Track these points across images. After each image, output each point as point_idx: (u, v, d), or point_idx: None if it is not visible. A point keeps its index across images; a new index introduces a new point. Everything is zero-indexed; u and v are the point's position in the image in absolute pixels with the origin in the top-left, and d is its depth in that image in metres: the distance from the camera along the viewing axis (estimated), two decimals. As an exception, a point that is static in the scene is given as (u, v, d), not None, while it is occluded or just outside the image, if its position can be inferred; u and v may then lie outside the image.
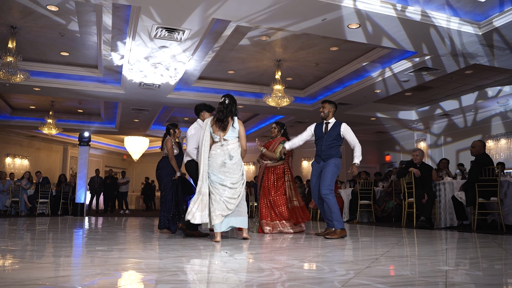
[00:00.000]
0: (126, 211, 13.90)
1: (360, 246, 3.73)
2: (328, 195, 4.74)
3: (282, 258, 2.78)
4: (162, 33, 6.80)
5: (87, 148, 10.71)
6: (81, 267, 2.31)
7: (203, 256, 2.90)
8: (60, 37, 7.94)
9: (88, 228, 6.19)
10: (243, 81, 10.82)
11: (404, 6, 6.17)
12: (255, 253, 3.16)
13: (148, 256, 2.78)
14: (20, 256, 2.76)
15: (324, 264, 2.55)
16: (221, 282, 1.89)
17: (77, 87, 10.05)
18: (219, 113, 4.40)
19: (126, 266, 2.36)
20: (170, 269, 2.23)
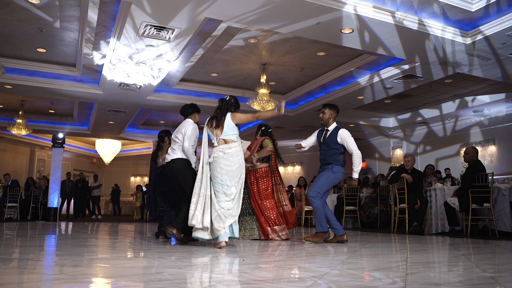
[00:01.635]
0: (99, 216, 13.38)
1: (376, 252, 3.63)
2: (313, 198, 4.57)
3: (309, 266, 2.64)
4: (151, 31, 6.56)
5: (61, 150, 10.22)
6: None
7: (221, 264, 2.71)
8: (38, 33, 7.53)
9: (78, 235, 5.83)
10: (225, 84, 10.65)
11: (399, 13, 6.20)
12: (272, 260, 3.00)
13: (162, 265, 2.57)
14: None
15: (359, 271, 2.43)
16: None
17: (53, 86, 9.60)
18: (216, 110, 4.26)
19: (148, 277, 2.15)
20: (202, 281, 2.05)
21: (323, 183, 4.64)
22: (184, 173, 4.54)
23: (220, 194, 3.97)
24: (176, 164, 4.52)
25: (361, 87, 9.65)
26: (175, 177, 4.59)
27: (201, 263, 2.73)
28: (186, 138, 4.51)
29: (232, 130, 4.17)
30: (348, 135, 4.81)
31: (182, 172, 4.53)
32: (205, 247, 3.87)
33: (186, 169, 4.56)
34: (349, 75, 9.37)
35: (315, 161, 14.71)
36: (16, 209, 10.09)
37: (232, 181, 4.00)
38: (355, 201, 8.18)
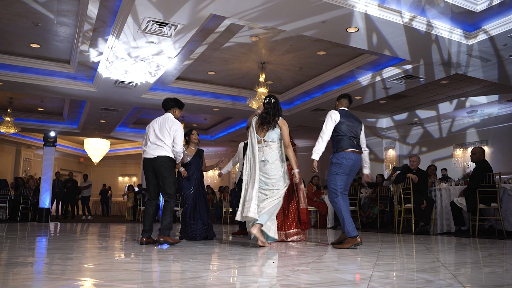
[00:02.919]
0: (89, 217, 13.07)
1: (399, 252, 3.56)
2: (332, 200, 4.30)
3: (347, 268, 2.55)
4: (153, 27, 6.40)
5: (52, 149, 9.93)
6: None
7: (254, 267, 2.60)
8: (33, 27, 7.30)
9: (89, 236, 5.63)
10: (221, 83, 10.53)
11: (407, 13, 6.18)
12: (304, 262, 2.89)
13: (194, 269, 2.45)
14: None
15: (402, 272, 2.35)
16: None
17: (44, 83, 9.33)
18: (266, 115, 4.26)
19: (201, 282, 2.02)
20: (258, 286, 1.93)
21: (329, 179, 4.38)
22: (169, 172, 4.43)
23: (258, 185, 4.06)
24: (163, 162, 4.38)
25: (359, 87, 9.63)
26: (156, 174, 4.43)
27: (233, 266, 2.61)
28: (179, 141, 4.42)
29: (276, 134, 4.29)
30: (326, 116, 4.50)
31: (166, 171, 4.39)
32: (207, 247, 3.74)
33: (171, 169, 4.48)
34: (347, 75, 9.34)
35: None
36: (5, 210, 9.77)
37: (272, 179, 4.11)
38: (355, 201, 8.15)
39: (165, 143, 4.41)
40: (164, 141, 4.41)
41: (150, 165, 4.42)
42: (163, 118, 4.64)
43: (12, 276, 2.07)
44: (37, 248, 3.75)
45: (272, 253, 3.48)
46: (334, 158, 4.31)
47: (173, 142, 4.43)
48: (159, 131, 4.49)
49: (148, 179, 4.52)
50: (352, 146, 4.31)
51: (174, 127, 4.50)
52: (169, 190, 4.35)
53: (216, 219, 12.88)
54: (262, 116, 4.36)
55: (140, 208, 12.46)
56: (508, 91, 9.97)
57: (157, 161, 4.38)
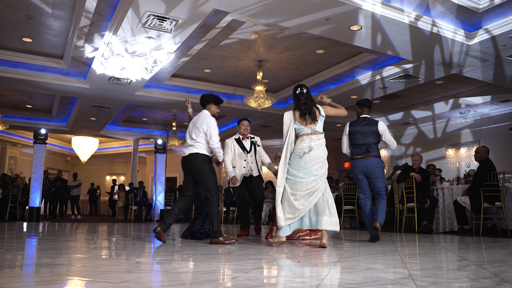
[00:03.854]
0: (78, 216, 12.79)
1: (419, 251, 3.50)
2: (360, 201, 4.90)
3: (378, 266, 2.48)
4: (153, 21, 6.26)
5: (43, 147, 9.66)
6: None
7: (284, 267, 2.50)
8: (26, 20, 7.07)
9: (97, 237, 5.44)
10: (217, 81, 10.40)
11: (413, 13, 6.16)
12: (330, 261, 2.80)
13: (223, 269, 2.34)
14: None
15: (439, 271, 2.28)
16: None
17: (35, 79, 9.07)
18: (304, 106, 4.03)
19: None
20: (290, 286, 1.84)
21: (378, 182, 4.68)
22: (202, 167, 4.31)
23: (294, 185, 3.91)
24: (196, 159, 4.28)
25: (356, 86, 9.63)
26: (192, 173, 4.36)
27: (261, 266, 2.51)
28: (213, 136, 4.29)
29: (322, 121, 4.10)
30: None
31: (199, 167, 4.29)
32: (219, 247, 3.63)
33: (204, 164, 4.34)
34: (345, 74, 9.32)
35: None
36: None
37: (320, 172, 3.93)
38: (354, 200, 8.11)
39: (197, 141, 4.33)
40: (197, 138, 4.33)
41: (185, 164, 4.39)
42: (198, 116, 4.54)
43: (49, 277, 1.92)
44: (59, 251, 3.59)
45: (285, 252, 3.38)
46: (351, 165, 4.80)
47: (208, 139, 4.32)
48: (193, 129, 4.42)
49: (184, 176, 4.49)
50: (357, 153, 4.67)
51: (206, 122, 4.37)
52: (207, 185, 4.24)
53: (209, 219, 12.71)
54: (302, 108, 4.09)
55: (132, 208, 12.24)
56: (502, 92, 10.08)
57: (188, 159, 4.33)
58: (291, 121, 4.05)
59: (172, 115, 13.86)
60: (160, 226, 4.23)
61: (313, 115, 4.02)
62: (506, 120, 11.02)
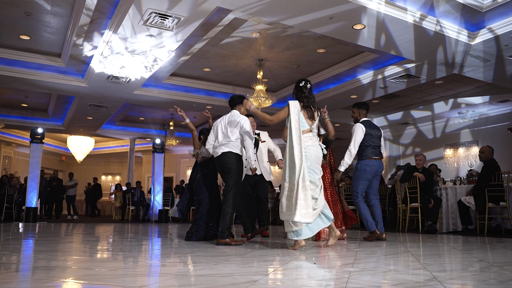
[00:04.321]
0: (74, 217, 12.65)
1: (438, 251, 3.46)
2: (354, 200, 4.84)
3: (402, 269, 2.42)
4: (155, 19, 6.17)
5: (40, 146, 9.52)
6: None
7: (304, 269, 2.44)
8: (25, 18, 6.94)
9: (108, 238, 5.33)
10: (216, 80, 10.32)
11: (418, 13, 6.13)
12: (349, 262, 2.74)
13: (245, 272, 2.28)
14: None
15: (468, 273, 2.24)
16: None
17: (32, 77, 8.94)
18: (307, 99, 3.89)
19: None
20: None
21: (354, 184, 4.85)
22: (233, 168, 4.33)
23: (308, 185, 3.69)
24: (228, 158, 4.30)
25: (356, 86, 9.59)
26: (223, 171, 4.40)
27: (278, 268, 2.45)
28: (247, 135, 4.27)
29: (317, 122, 4.04)
30: (355, 130, 4.92)
31: (232, 168, 4.32)
32: (228, 249, 3.56)
33: (235, 165, 4.34)
34: (345, 73, 9.28)
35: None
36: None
37: (319, 170, 3.84)
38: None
39: (231, 140, 4.34)
40: (231, 138, 4.34)
41: (219, 164, 4.41)
42: (229, 115, 4.53)
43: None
44: (83, 254, 3.50)
45: (295, 253, 3.32)
46: (359, 165, 4.78)
47: (243, 135, 4.31)
48: (225, 129, 4.41)
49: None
50: (375, 154, 4.83)
51: (240, 119, 4.37)
52: (231, 184, 4.27)
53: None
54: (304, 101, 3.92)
55: (129, 208, 12.12)
56: (501, 92, 10.09)
57: (222, 157, 4.35)
58: (298, 110, 3.82)
59: (170, 115, 13.76)
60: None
61: (313, 111, 3.91)
62: (505, 120, 11.04)
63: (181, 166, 19.34)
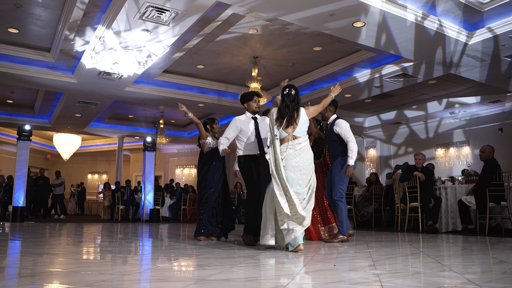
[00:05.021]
0: (61, 216, 12.32)
1: (454, 253, 3.38)
2: (339, 200, 4.56)
3: (430, 271, 2.33)
4: (151, 13, 5.99)
5: (27, 144, 9.22)
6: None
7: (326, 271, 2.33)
8: (14, 10, 6.68)
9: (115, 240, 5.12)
10: (209, 78, 10.16)
11: (420, 11, 6.08)
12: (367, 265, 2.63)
13: (267, 275, 2.16)
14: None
15: (506, 275, 2.16)
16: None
17: (19, 72, 8.65)
18: (285, 109, 3.78)
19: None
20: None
21: (338, 181, 4.56)
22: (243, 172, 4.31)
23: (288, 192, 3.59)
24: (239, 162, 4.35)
25: (351, 85, 9.53)
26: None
27: (301, 272, 2.33)
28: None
29: (305, 126, 3.89)
30: (342, 123, 4.79)
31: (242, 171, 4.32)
32: (239, 250, 3.44)
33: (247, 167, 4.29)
34: (340, 72, 9.21)
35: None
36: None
37: (304, 180, 3.68)
38: (351, 200, 8.02)
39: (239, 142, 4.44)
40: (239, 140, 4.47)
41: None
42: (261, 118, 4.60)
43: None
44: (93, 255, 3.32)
45: (308, 255, 3.22)
46: (343, 162, 4.54)
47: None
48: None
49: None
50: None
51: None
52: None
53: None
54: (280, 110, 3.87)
55: (118, 207, 11.86)
56: (494, 93, 10.16)
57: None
58: (273, 123, 3.83)
59: (160, 113, 13.54)
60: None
61: (292, 119, 3.80)
62: (496, 121, 11.13)
63: (169, 165, 19.10)
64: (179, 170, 18.94)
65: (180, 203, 12.41)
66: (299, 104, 3.91)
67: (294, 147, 3.70)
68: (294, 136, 3.76)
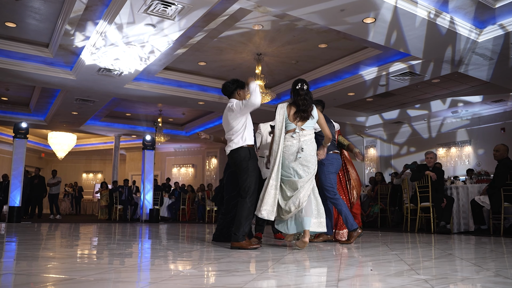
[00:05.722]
0: (57, 216, 12.06)
1: (475, 255, 3.25)
2: (334, 197, 4.31)
3: (478, 277, 2.19)
4: (157, 7, 5.81)
5: (24, 142, 8.96)
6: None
7: (369, 276, 2.18)
8: (12, 3, 6.46)
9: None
10: (210, 75, 9.99)
11: (433, 8, 5.96)
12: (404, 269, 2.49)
13: (295, 281, 1.99)
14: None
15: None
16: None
17: (17, 68, 8.41)
18: (303, 101, 3.82)
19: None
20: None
21: (325, 180, 4.37)
22: (244, 165, 3.92)
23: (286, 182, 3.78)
24: (239, 154, 3.92)
25: (354, 83, 9.41)
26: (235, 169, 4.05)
27: (334, 278, 2.18)
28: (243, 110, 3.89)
29: (313, 121, 3.94)
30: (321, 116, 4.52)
31: (242, 164, 3.91)
32: (255, 252, 3.27)
33: (248, 161, 3.94)
34: (344, 70, 9.08)
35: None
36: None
37: (305, 171, 3.77)
38: (356, 200, 7.86)
39: (232, 133, 3.97)
40: (231, 130, 3.97)
41: (231, 159, 4.04)
42: (226, 108, 4.12)
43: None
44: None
45: (331, 257, 3.07)
46: (326, 160, 4.37)
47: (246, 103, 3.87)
48: (225, 123, 4.08)
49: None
50: (336, 148, 4.64)
51: (234, 105, 3.97)
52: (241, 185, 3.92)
53: (199, 219, 12.26)
54: (299, 103, 3.87)
55: (116, 207, 11.63)
56: (497, 92, 10.08)
57: (233, 154, 3.96)
58: (283, 117, 3.88)
59: (158, 111, 13.32)
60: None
61: (307, 113, 3.87)
62: (498, 120, 11.07)
63: (166, 164, 18.86)
64: (175, 169, 18.72)
65: (179, 203, 12.20)
66: (312, 99, 3.96)
67: (298, 139, 3.79)
68: (302, 129, 3.84)
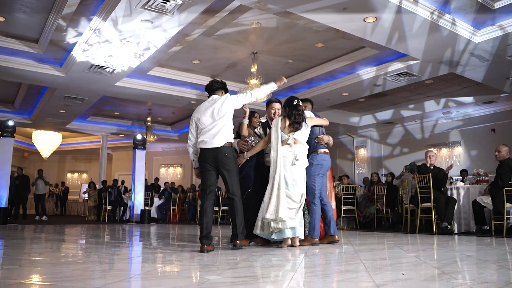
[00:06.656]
0: (43, 217, 11.72)
1: (503, 256, 3.19)
2: (311, 201, 4.30)
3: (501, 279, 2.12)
4: (156, 1, 5.64)
5: (10, 140, 8.68)
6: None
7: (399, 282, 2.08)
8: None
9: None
10: (204, 73, 9.81)
11: (436, 10, 5.93)
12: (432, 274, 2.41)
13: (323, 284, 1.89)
14: None
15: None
16: None
17: (3, 64, 8.13)
18: (299, 116, 4.16)
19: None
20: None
21: (310, 180, 4.28)
22: (231, 163, 3.85)
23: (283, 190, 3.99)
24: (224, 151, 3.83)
25: (350, 83, 9.37)
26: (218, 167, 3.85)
27: (384, 283, 2.09)
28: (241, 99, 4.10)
29: (306, 132, 4.26)
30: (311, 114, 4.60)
31: (229, 162, 3.82)
32: (267, 254, 3.17)
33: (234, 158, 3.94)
34: (339, 70, 9.02)
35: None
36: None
37: (299, 183, 4.05)
38: (353, 200, 7.84)
39: (221, 126, 3.91)
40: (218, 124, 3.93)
41: (211, 156, 3.82)
42: (208, 102, 4.08)
43: None
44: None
45: (355, 260, 2.97)
46: (314, 159, 4.33)
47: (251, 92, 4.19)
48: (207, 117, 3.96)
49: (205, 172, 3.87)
50: (326, 148, 4.50)
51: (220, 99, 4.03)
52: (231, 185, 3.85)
53: (190, 220, 12.07)
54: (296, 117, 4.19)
55: (105, 208, 11.35)
56: (489, 93, 10.16)
57: (220, 152, 3.80)
58: (278, 128, 4.14)
59: (147, 110, 13.07)
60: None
61: (300, 125, 4.17)
62: (488, 121, 11.18)
63: (153, 164, 18.56)
64: (163, 169, 18.45)
65: (170, 204, 12.00)
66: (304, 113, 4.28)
67: (291, 150, 4.07)
68: (295, 140, 4.11)
